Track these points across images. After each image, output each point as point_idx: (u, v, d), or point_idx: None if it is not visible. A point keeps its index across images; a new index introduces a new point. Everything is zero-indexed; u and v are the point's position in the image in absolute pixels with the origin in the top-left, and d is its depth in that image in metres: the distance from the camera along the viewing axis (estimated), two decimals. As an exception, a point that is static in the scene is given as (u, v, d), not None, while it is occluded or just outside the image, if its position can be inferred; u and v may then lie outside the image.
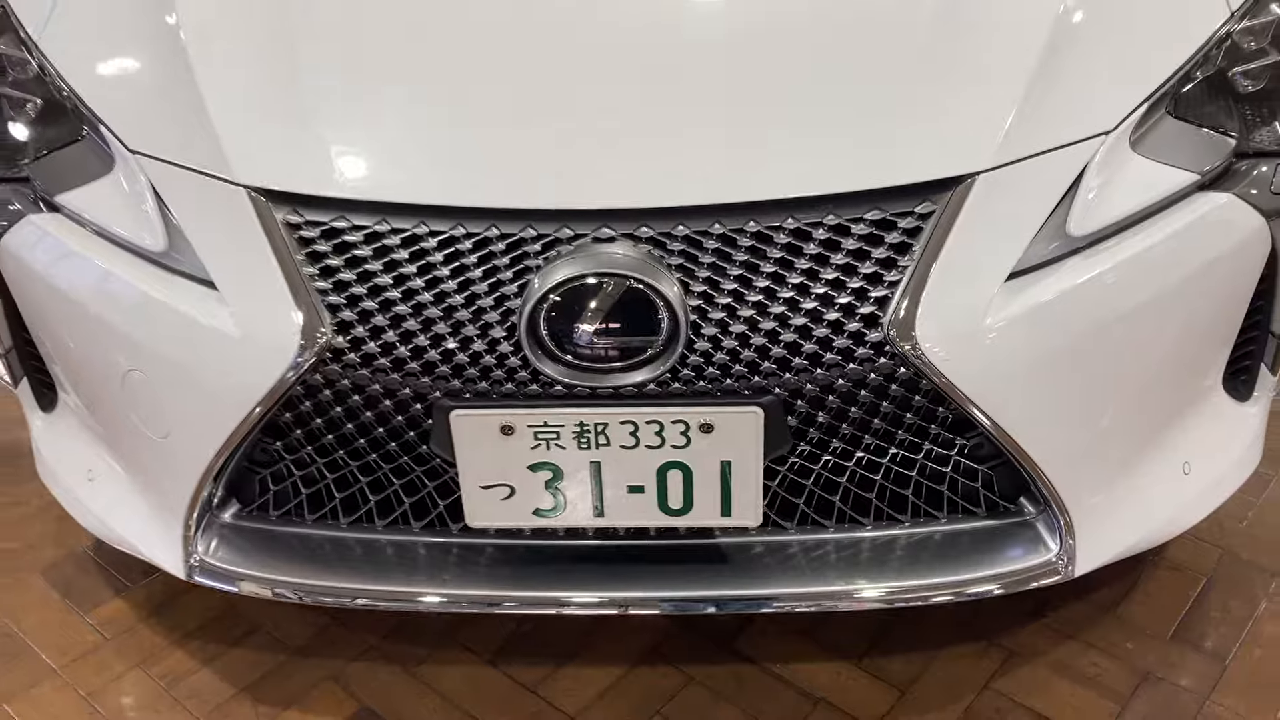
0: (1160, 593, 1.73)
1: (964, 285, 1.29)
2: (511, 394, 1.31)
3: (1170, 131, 1.41)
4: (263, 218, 1.33)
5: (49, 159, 1.51)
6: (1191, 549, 1.80)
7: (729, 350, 1.28)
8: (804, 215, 1.28)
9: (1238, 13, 1.48)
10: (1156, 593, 1.73)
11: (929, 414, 1.36)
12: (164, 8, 1.53)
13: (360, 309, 1.30)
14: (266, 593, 1.47)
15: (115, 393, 1.45)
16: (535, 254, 1.28)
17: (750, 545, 1.47)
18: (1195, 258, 1.38)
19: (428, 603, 1.43)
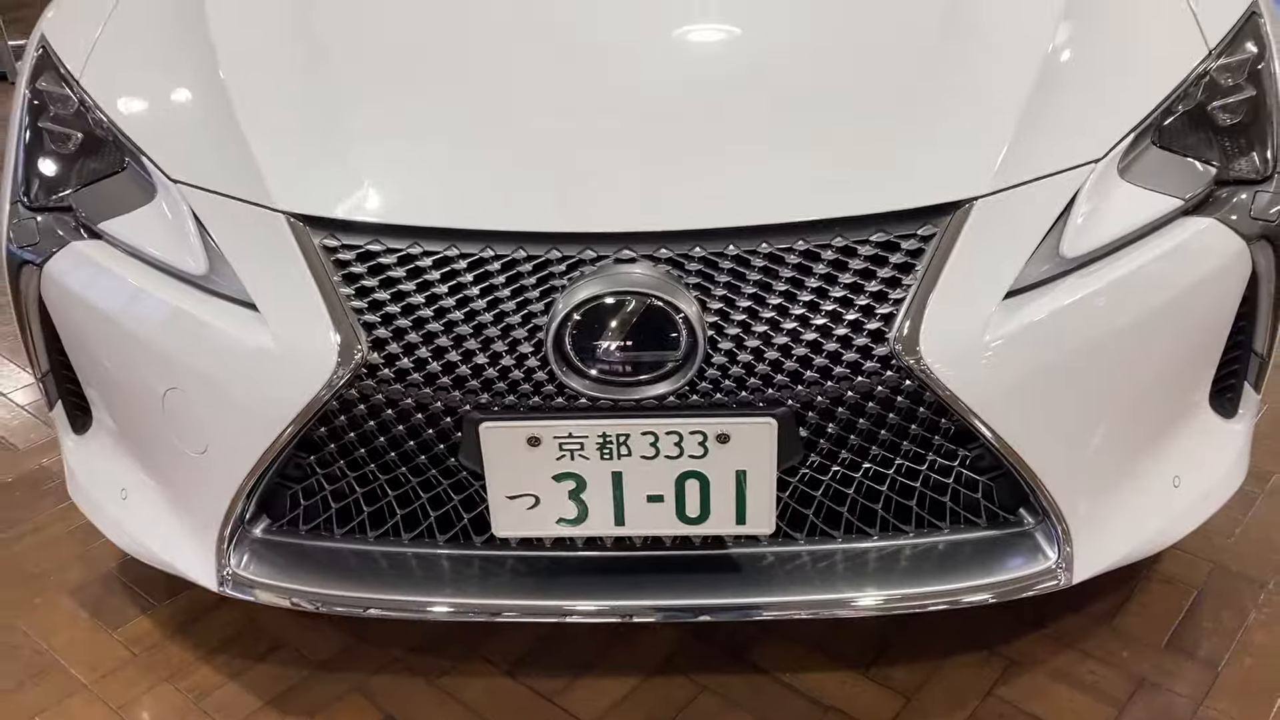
0: (1154, 604, 1.79)
1: (964, 303, 1.37)
2: (538, 407, 1.38)
3: (1155, 160, 1.50)
4: (301, 242, 1.40)
5: (91, 189, 1.59)
6: (1183, 562, 1.87)
7: (744, 364, 1.36)
8: (813, 237, 1.36)
9: (1215, 51, 1.57)
10: (1150, 604, 1.79)
11: (932, 425, 1.43)
12: (202, 43, 1.62)
13: (394, 327, 1.38)
14: (284, 601, 1.54)
15: (154, 411, 1.52)
16: (560, 274, 1.36)
17: (761, 555, 1.54)
18: (1180, 278, 1.47)
19: (437, 611, 1.49)
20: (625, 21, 1.63)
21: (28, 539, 2.03)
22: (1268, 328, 1.61)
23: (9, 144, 1.71)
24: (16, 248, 1.61)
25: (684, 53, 1.58)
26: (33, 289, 1.62)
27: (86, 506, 1.76)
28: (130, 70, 1.66)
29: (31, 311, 1.64)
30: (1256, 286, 1.56)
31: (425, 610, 1.50)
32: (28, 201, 1.63)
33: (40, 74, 1.71)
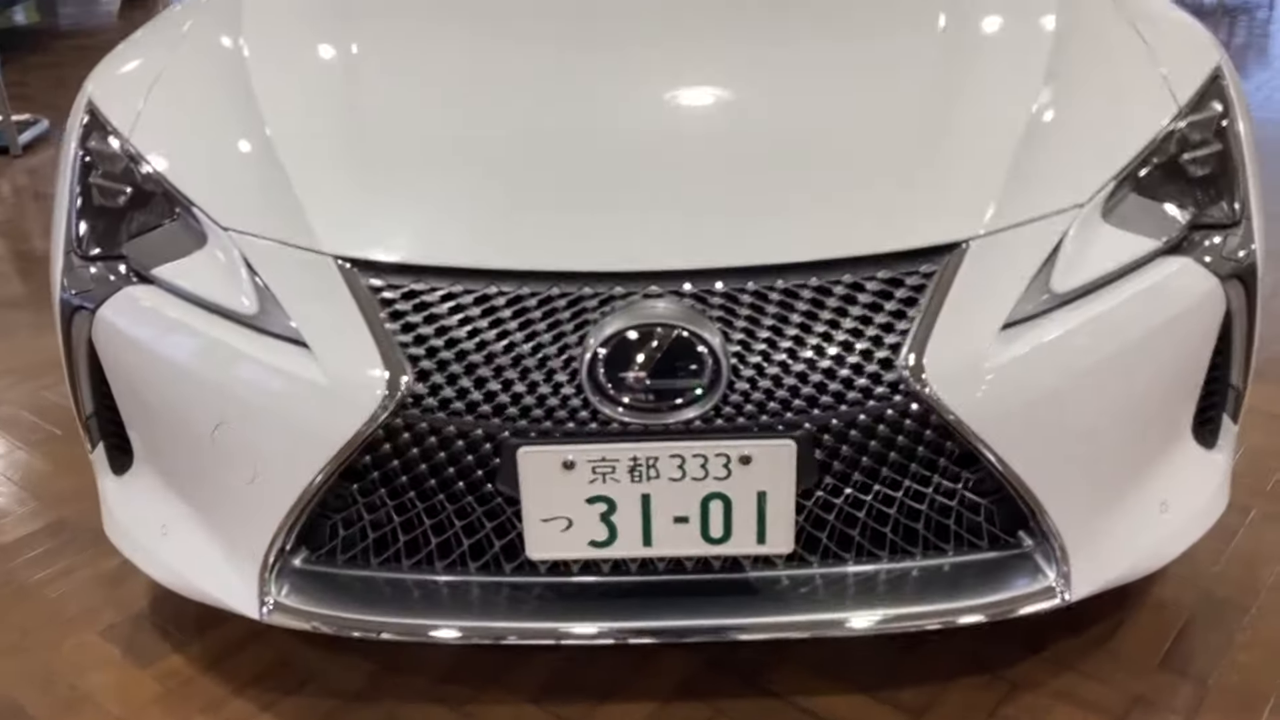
0: (1146, 628, 1.89)
1: (964, 334, 1.48)
2: (572, 432, 1.47)
3: (1135, 205, 1.64)
4: (349, 283, 1.51)
5: (143, 238, 1.69)
6: (1173, 590, 1.97)
7: (764, 390, 1.46)
8: (825, 275, 1.48)
9: (1184, 109, 1.72)
10: (1143, 628, 1.89)
11: (937, 448, 1.54)
12: (248, 103, 1.74)
13: (437, 359, 1.47)
14: (305, 625, 1.61)
15: (202, 445, 1.60)
16: (593, 309, 1.47)
17: (776, 579, 1.63)
18: (1160, 313, 1.59)
19: (444, 636, 1.58)
20: (649, 81, 1.77)
21: (58, 582, 2.09)
22: (1242, 361, 1.74)
23: (60, 200, 1.80)
24: (70, 294, 1.71)
25: (704, 109, 1.71)
26: (84, 334, 1.71)
27: (124, 544, 1.83)
28: (179, 129, 1.77)
29: (81, 355, 1.73)
30: (1230, 322, 1.69)
31: (430, 635, 1.58)
32: (80, 251, 1.73)
33: (90, 135, 1.82)
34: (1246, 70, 5.36)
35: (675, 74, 1.78)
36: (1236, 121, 1.77)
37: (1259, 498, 2.21)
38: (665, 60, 1.81)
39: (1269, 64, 5.46)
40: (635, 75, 1.79)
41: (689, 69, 1.80)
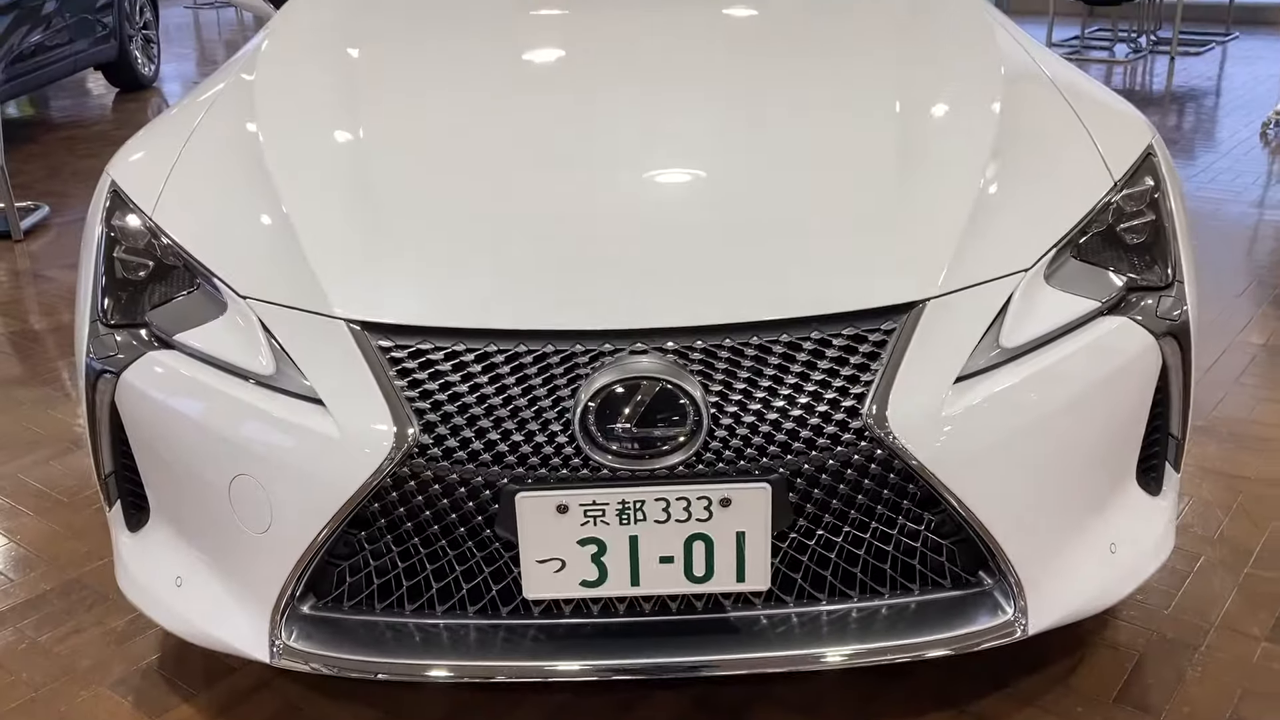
0: (1102, 666, 2.01)
1: (922, 385, 1.63)
2: (566, 478, 1.60)
3: (1075, 269, 1.80)
4: (360, 344, 1.64)
5: (166, 307, 1.82)
6: (1126, 631, 2.09)
7: (741, 437, 1.60)
8: (795, 332, 1.63)
9: (1119, 183, 1.89)
10: (1099, 666, 2.01)
11: (901, 491, 1.67)
12: (264, 181, 1.89)
13: (441, 412, 1.61)
14: (312, 668, 1.72)
15: (219, 498, 1.72)
16: (584, 365, 1.61)
17: (755, 619, 1.75)
18: (1101, 367, 1.74)
19: (437, 675, 1.69)
20: (635, 158, 1.93)
21: (71, 639, 2.18)
22: (1180, 413, 1.89)
23: (84, 274, 1.93)
24: (95, 360, 1.83)
25: (685, 183, 1.88)
26: (107, 397, 1.83)
27: (138, 597, 1.93)
28: (199, 206, 1.92)
29: (103, 417, 1.85)
30: (1168, 376, 1.84)
31: (426, 675, 1.69)
32: (105, 320, 1.86)
33: (114, 212, 1.96)
34: (1194, 153, 5.63)
35: (658, 151, 1.95)
36: (1168, 194, 1.94)
37: (1207, 546, 2.35)
38: (649, 139, 1.99)
39: (1215, 147, 5.74)
40: (622, 153, 1.95)
41: (671, 147, 1.97)
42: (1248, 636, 2.08)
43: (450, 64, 2.38)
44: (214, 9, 13.32)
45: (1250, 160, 5.46)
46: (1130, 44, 8.86)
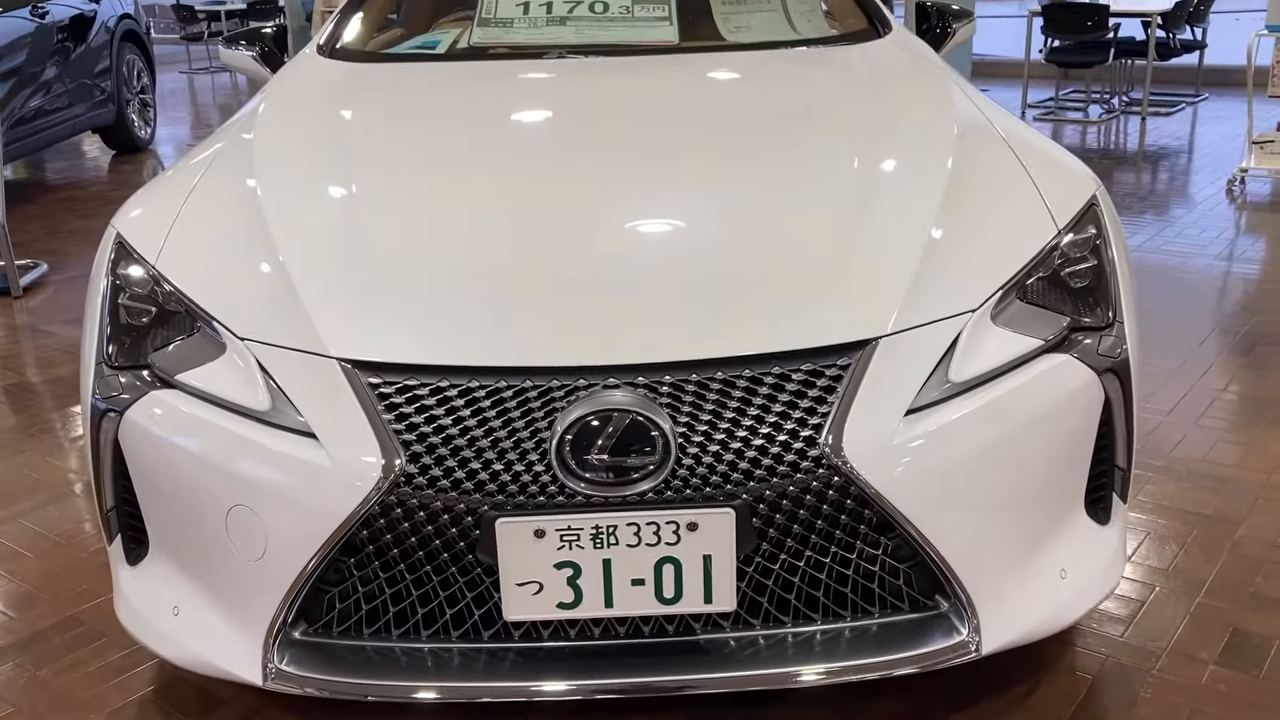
0: (1059, 688, 2.10)
1: (875, 417, 1.74)
2: (543, 505, 1.71)
3: (1021, 310, 1.92)
4: (351, 381, 1.76)
5: (168, 349, 1.93)
6: (1082, 657, 2.19)
7: (707, 465, 1.71)
8: (757, 367, 1.75)
9: (1063, 230, 2.03)
10: (1056, 688, 2.10)
11: (858, 516, 1.78)
12: (261, 232, 2.01)
13: (427, 444, 1.72)
14: (303, 690, 1.82)
15: (216, 528, 1.82)
16: (560, 399, 1.72)
17: (725, 641, 1.84)
18: (1044, 400, 1.86)
19: (424, 697, 1.79)
20: (606, 208, 2.07)
21: (69, 673, 2.26)
22: (1124, 445, 2.00)
23: (90, 320, 2.05)
24: (100, 400, 1.94)
25: (654, 233, 2.02)
26: (110, 435, 1.93)
27: (137, 627, 2.01)
28: (200, 256, 2.04)
29: (106, 455, 1.95)
30: (1111, 411, 1.96)
31: (413, 696, 1.79)
32: (110, 362, 1.97)
33: (119, 262, 2.08)
34: (1164, 208, 5.81)
35: (629, 203, 2.09)
36: (1109, 242, 2.07)
37: (1161, 577, 2.46)
38: (621, 192, 2.12)
39: (1183, 203, 5.92)
40: (596, 205, 2.09)
41: (641, 199, 2.11)
42: (1197, 661, 2.18)
43: (437, 125, 2.53)
44: (208, 74, 13.59)
45: (1216, 215, 5.64)
46: (1103, 105, 9.11)
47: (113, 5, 7.94)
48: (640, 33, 3.04)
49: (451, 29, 3.27)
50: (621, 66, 2.85)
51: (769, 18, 3.21)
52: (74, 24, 7.31)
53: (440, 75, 2.93)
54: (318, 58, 3.10)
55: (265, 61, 3.36)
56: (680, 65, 2.86)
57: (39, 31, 6.86)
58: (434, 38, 3.24)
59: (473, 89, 2.79)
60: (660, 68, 2.84)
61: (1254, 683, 2.12)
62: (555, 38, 3.02)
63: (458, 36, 3.16)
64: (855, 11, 3.27)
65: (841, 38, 3.11)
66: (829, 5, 3.33)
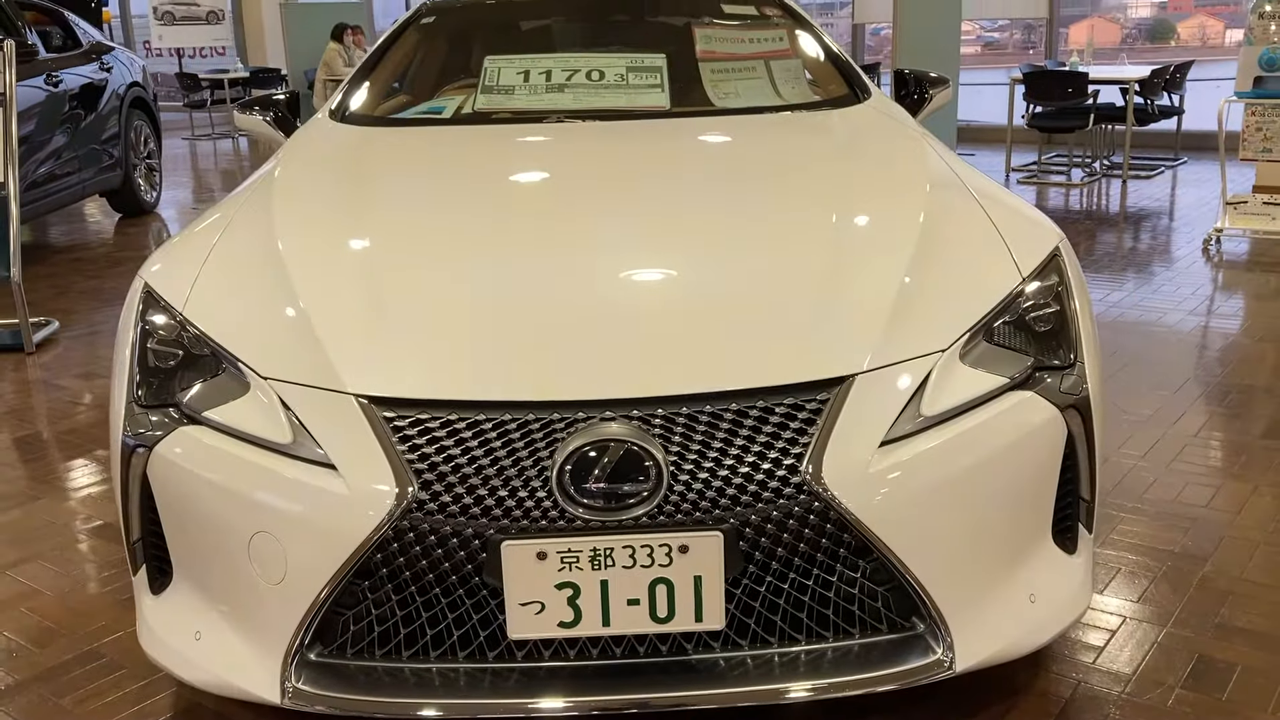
0: (1032, 709, 2.22)
1: (852, 448, 1.88)
2: (545, 529, 1.84)
3: (988, 351, 2.07)
4: (367, 415, 1.90)
5: (196, 389, 2.07)
6: (1054, 681, 2.31)
7: (697, 491, 1.84)
8: (742, 401, 1.89)
9: (1027, 278, 2.18)
10: (1029, 710, 2.22)
11: (837, 539, 1.91)
12: (282, 279, 2.16)
13: (438, 473, 1.85)
14: (319, 709, 1.93)
15: (239, 555, 1.95)
16: (560, 430, 1.86)
17: (715, 661, 1.97)
18: (1010, 434, 2.00)
19: (430, 715, 1.89)
20: (604, 255, 2.23)
21: (90, 701, 2.37)
22: (1088, 478, 2.14)
23: (120, 363, 2.18)
24: (130, 437, 2.08)
25: (649, 279, 2.18)
26: (139, 469, 2.07)
27: (159, 653, 2.13)
28: (224, 303, 2.19)
29: (135, 488, 2.09)
30: (1074, 445, 2.10)
31: (419, 714, 1.90)
32: (140, 402, 2.11)
33: (147, 310, 2.23)
34: (1147, 268, 5.99)
35: (626, 251, 2.25)
36: (1071, 289, 2.22)
37: (1130, 608, 2.58)
38: (618, 242, 2.29)
39: (1167, 263, 6.11)
40: (595, 253, 2.25)
41: (637, 247, 2.27)
42: (1164, 685, 2.30)
43: (444, 181, 2.70)
44: (210, 140, 13.87)
45: (1192, 273, 5.82)
46: (1085, 169, 9.36)
47: (122, 73, 8.19)
48: (634, 99, 3.23)
49: (456, 96, 3.46)
50: (617, 129, 3.03)
51: (755, 84, 3.41)
52: (86, 92, 7.55)
53: (447, 137, 3.11)
54: (330, 122, 3.29)
55: (279, 126, 3.54)
56: (672, 129, 3.05)
57: (52, 99, 7.08)
58: (439, 104, 3.43)
59: (478, 149, 2.97)
60: (653, 131, 3.03)
61: (1217, 704, 2.24)
62: (554, 103, 3.21)
63: (462, 103, 3.36)
64: (837, 78, 3.47)
65: (823, 103, 3.30)
66: (812, 73, 3.53)
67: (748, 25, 3.69)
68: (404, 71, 3.73)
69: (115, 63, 8.16)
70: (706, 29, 3.60)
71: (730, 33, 3.62)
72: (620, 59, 3.38)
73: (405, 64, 3.75)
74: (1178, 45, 22.93)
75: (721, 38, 3.58)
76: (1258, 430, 3.67)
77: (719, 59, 3.50)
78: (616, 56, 3.41)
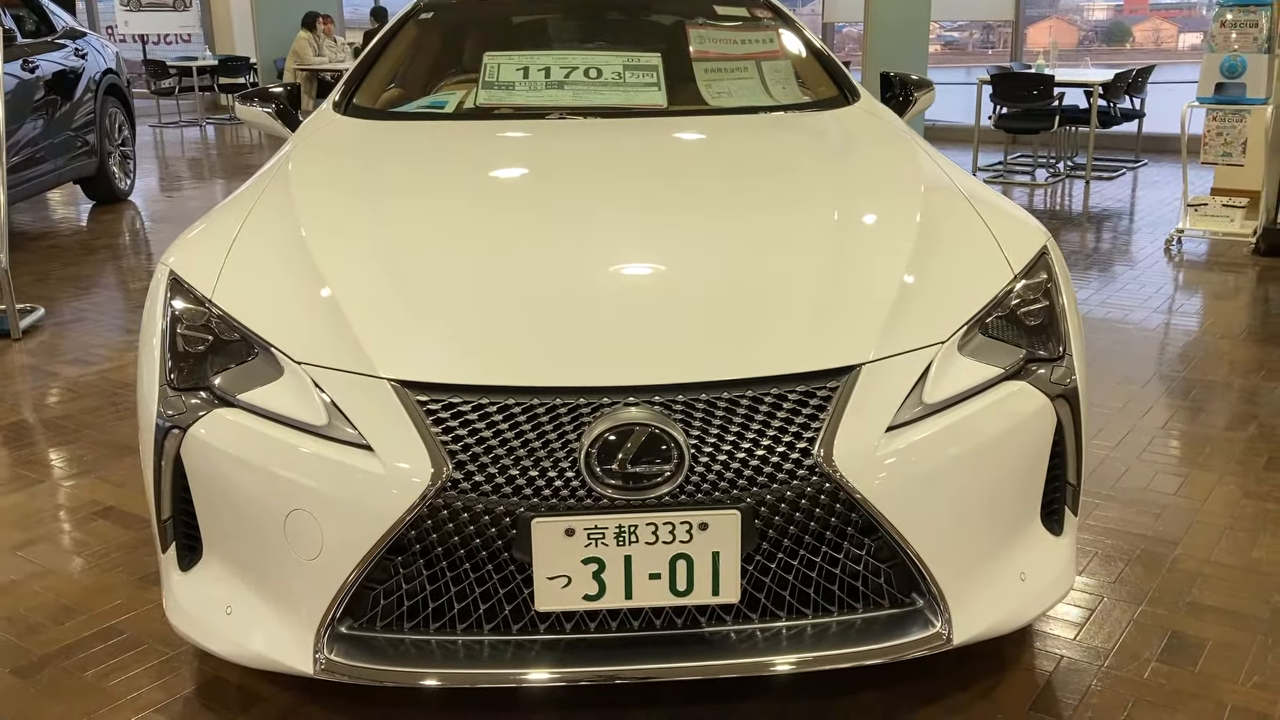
0: (1019, 683, 2.36)
1: (860, 433, 2.00)
2: (573, 507, 1.94)
3: (983, 343, 2.20)
4: (401, 399, 1.99)
5: (230, 372, 2.15)
6: (1040, 655, 2.45)
7: (716, 472, 1.96)
8: (758, 388, 2.00)
9: (1019, 275, 2.31)
10: (1016, 683, 2.36)
11: (845, 519, 2.03)
12: (307, 266, 2.25)
13: (470, 454, 1.95)
14: (350, 679, 2.03)
15: (273, 532, 2.04)
16: (587, 414, 1.96)
17: (725, 634, 2.08)
18: (1004, 421, 2.13)
19: (455, 684, 1.99)
20: (629, 251, 2.34)
21: (114, 675, 2.44)
22: (1075, 463, 2.27)
23: (149, 349, 2.25)
24: (164, 419, 2.15)
25: (669, 270, 2.28)
26: (173, 450, 2.14)
27: (188, 627, 2.21)
28: (253, 289, 2.27)
29: (168, 468, 2.16)
30: (1063, 433, 2.24)
31: (446, 683, 2.00)
32: (173, 385, 2.18)
33: (174, 296, 2.30)
34: (1107, 266, 6.18)
35: (648, 245, 2.36)
36: (1059, 286, 2.36)
37: (1108, 588, 2.73)
38: (641, 236, 2.40)
39: (1124, 261, 6.30)
40: (618, 246, 2.36)
41: (658, 243, 2.38)
42: (1141, 659, 2.44)
43: (458, 172, 2.80)
44: (178, 129, 13.79)
45: (1154, 273, 6.02)
46: (1049, 169, 9.58)
47: (97, 60, 8.17)
48: (632, 97, 3.33)
49: (456, 91, 3.54)
50: (621, 127, 3.14)
51: (747, 85, 3.52)
52: (61, 78, 7.52)
53: (454, 131, 3.20)
54: (335, 114, 3.36)
55: (280, 118, 3.61)
56: (674, 127, 3.15)
57: (28, 86, 7.06)
58: (440, 99, 3.51)
59: (486, 142, 3.06)
60: (656, 129, 3.13)
61: (1190, 676, 2.38)
62: (553, 100, 3.30)
63: (463, 98, 3.44)
64: (826, 80, 3.59)
65: (815, 104, 3.42)
66: (802, 75, 3.65)
67: (739, 26, 3.80)
68: (403, 66, 3.80)
69: (89, 49, 8.14)
70: (700, 29, 3.70)
71: (722, 33, 3.73)
72: (617, 57, 3.48)
73: (404, 59, 3.82)
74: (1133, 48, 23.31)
75: (714, 38, 3.69)
76: (1221, 423, 3.84)
77: (712, 59, 3.61)
78: (613, 55, 3.51)
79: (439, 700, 2.31)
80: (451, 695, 2.32)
